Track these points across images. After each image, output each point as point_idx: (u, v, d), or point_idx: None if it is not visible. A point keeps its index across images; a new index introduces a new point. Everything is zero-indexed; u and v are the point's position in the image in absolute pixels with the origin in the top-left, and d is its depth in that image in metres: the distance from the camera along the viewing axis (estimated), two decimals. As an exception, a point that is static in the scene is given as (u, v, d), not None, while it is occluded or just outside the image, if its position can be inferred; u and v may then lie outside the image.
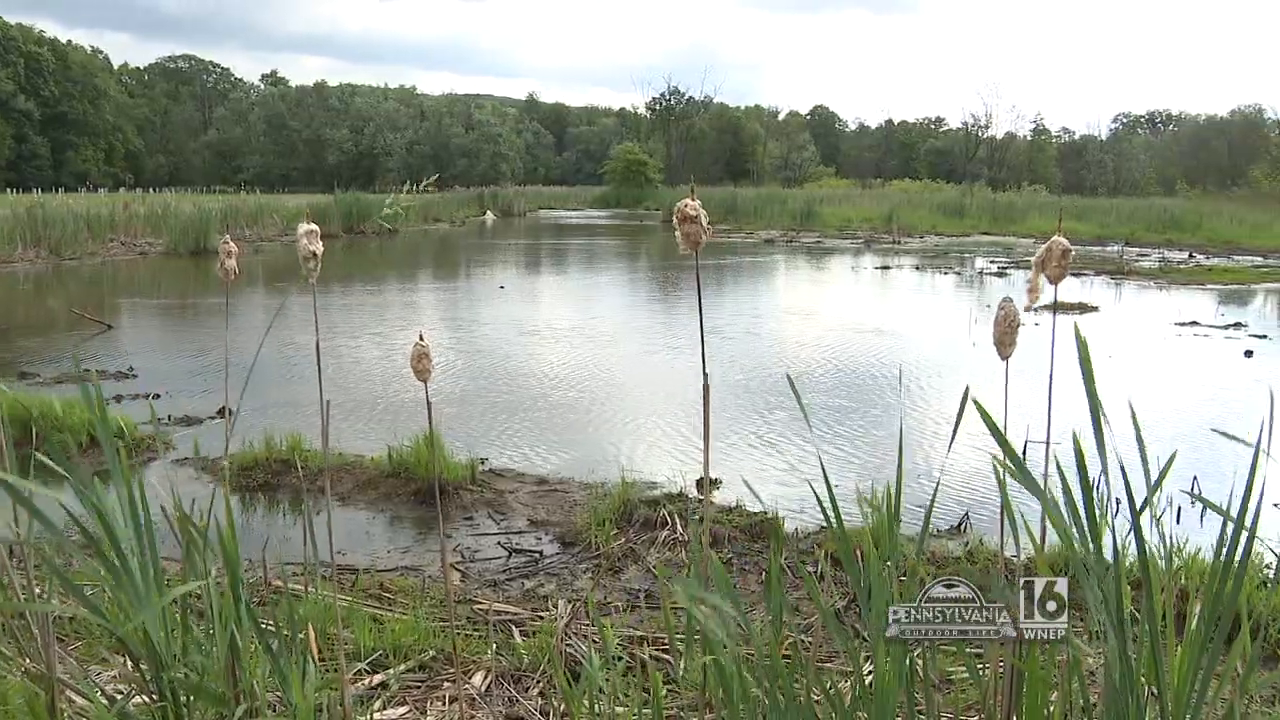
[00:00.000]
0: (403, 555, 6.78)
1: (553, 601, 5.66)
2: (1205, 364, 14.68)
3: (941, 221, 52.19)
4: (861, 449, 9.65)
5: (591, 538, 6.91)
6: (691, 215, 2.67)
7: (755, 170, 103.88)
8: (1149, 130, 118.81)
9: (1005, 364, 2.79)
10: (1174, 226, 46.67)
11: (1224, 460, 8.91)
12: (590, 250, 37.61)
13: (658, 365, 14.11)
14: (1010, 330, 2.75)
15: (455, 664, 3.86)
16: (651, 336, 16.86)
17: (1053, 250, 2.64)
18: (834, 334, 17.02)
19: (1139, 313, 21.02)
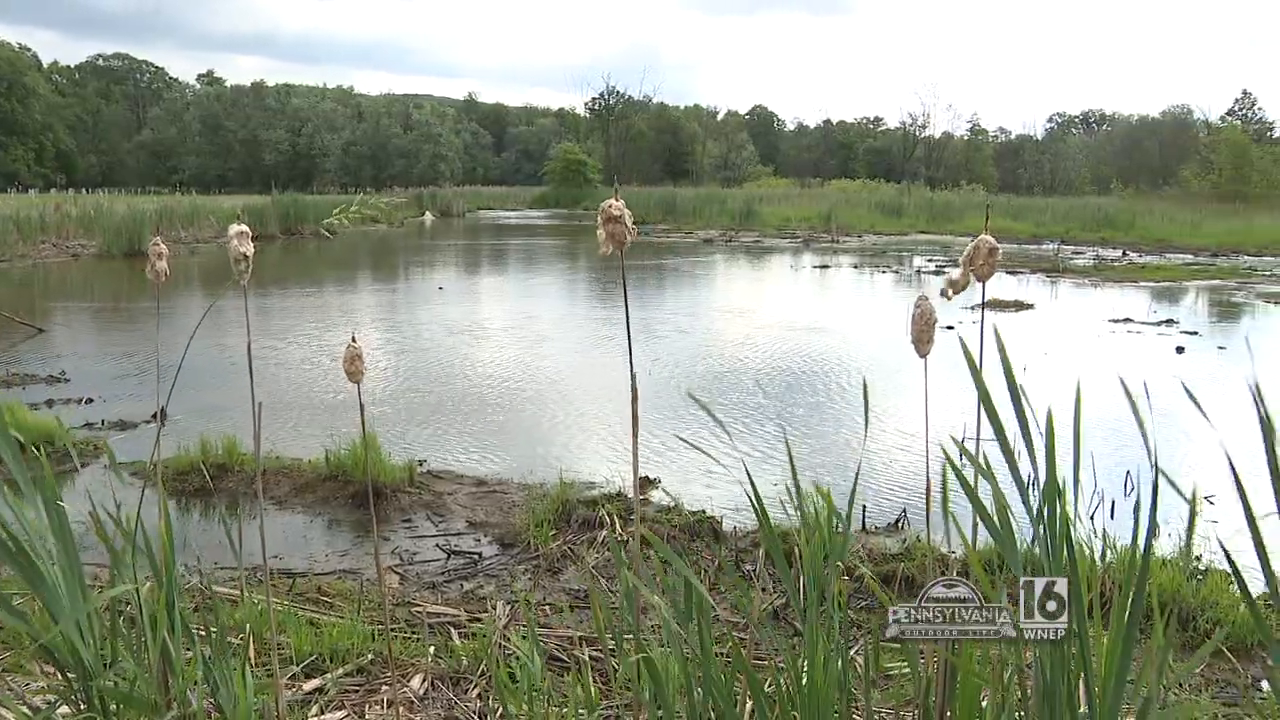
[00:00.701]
0: (341, 558, 6.74)
1: (491, 603, 5.65)
2: (1138, 360, 14.85)
3: (880, 221, 52.51)
4: (803, 447, 9.68)
5: (530, 539, 6.90)
6: (615, 215, 2.66)
7: (694, 170, 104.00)
8: (1083, 130, 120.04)
9: (925, 361, 2.80)
10: (1108, 225, 47.23)
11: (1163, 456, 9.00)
12: (529, 251, 37.54)
13: (597, 365, 14.11)
14: (927, 328, 2.77)
15: (391, 667, 3.84)
16: (591, 336, 16.85)
17: (980, 248, 2.66)
18: (774, 333, 17.08)
19: (1074, 310, 21.25)
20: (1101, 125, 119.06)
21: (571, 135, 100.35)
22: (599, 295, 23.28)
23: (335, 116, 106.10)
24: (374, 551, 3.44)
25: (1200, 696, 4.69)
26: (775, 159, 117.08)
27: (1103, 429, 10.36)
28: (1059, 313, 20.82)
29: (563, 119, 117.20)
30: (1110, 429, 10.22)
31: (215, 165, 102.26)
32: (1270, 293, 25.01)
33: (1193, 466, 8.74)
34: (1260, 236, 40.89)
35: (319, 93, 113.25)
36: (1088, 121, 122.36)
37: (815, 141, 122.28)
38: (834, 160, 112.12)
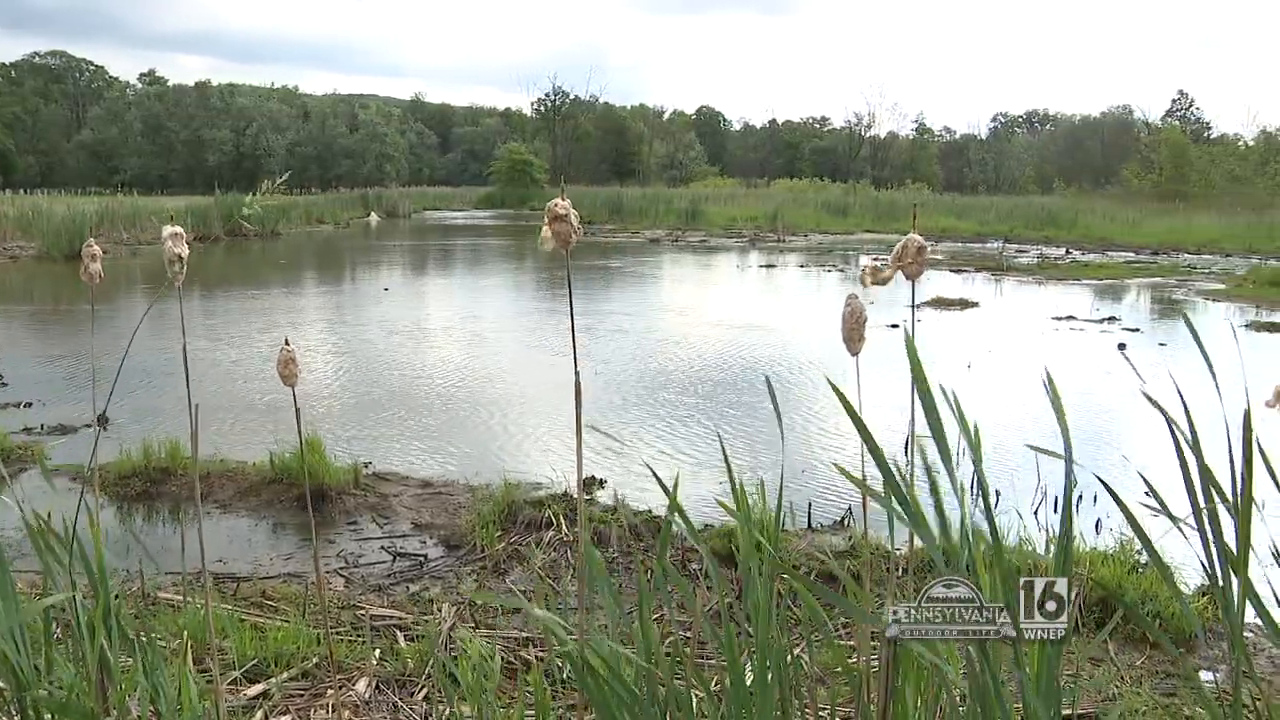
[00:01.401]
0: (286, 562, 6.69)
1: (437, 605, 5.62)
2: (1081, 357, 15.00)
3: (826, 220, 52.74)
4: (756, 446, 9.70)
5: (476, 540, 6.87)
6: (561, 214, 2.65)
7: (641, 170, 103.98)
8: (1027, 130, 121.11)
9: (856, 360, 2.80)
10: (1051, 224, 47.73)
11: (1101, 451, 9.11)
12: (476, 251, 37.42)
13: (544, 365, 14.07)
14: (858, 326, 2.76)
15: (332, 671, 3.81)
16: (537, 336, 16.82)
17: (908, 246, 2.66)
18: (720, 332, 17.12)
19: (1018, 308, 21.45)
20: (1044, 125, 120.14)
21: (517, 135, 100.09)
22: (546, 295, 23.23)
23: (280, 116, 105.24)
24: (314, 555, 3.40)
25: (1142, 688, 4.75)
26: (722, 159, 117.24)
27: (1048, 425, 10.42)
28: (1003, 311, 21.02)
29: (509, 119, 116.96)
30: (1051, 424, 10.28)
31: (157, 166, 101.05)
32: (1209, 290, 25.35)
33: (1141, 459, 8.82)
34: (1199, 235, 41.47)
35: (264, 93, 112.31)
36: (1031, 121, 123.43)
37: (761, 141, 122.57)
38: (780, 160, 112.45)
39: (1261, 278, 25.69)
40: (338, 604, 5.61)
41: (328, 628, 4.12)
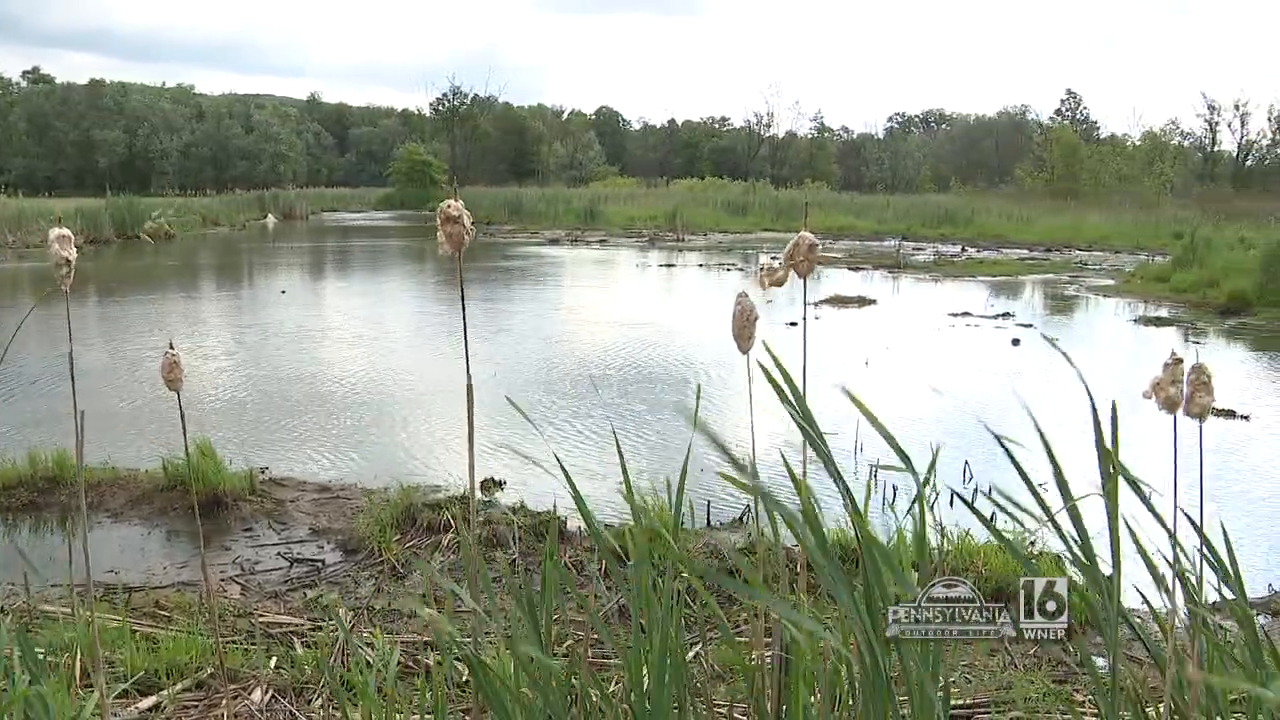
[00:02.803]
0: (180, 570, 6.58)
1: (334, 610, 5.57)
2: (976, 353, 15.25)
3: (725, 219, 52.95)
4: (645, 446, 9.73)
5: (374, 544, 6.82)
6: (454, 216, 2.64)
7: (541, 170, 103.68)
8: (923, 129, 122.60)
9: (746, 358, 2.82)
10: (948, 222, 48.41)
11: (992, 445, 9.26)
12: (375, 252, 37.08)
13: (443, 367, 13.99)
14: (748, 325, 2.78)
15: (223, 679, 3.75)
16: (436, 338, 16.73)
17: (800, 244, 2.69)
18: (620, 332, 17.15)
19: (915, 305, 21.75)
20: (940, 125, 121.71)
21: (416, 136, 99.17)
22: (445, 297, 23.10)
23: (174, 117, 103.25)
24: (202, 563, 3.36)
25: (1036, 675, 4.84)
26: (621, 159, 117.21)
27: (944, 420, 10.61)
28: (901, 308, 21.31)
29: (407, 119, 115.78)
30: (952, 420, 10.47)
31: (44, 166, 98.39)
32: (1100, 286, 25.91)
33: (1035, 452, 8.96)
34: (1090, 232, 42.36)
35: (157, 92, 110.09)
36: (927, 121, 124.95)
37: (661, 141, 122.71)
38: (680, 160, 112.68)
39: (1148, 274, 26.32)
40: (233, 612, 5.54)
41: (219, 636, 4.05)
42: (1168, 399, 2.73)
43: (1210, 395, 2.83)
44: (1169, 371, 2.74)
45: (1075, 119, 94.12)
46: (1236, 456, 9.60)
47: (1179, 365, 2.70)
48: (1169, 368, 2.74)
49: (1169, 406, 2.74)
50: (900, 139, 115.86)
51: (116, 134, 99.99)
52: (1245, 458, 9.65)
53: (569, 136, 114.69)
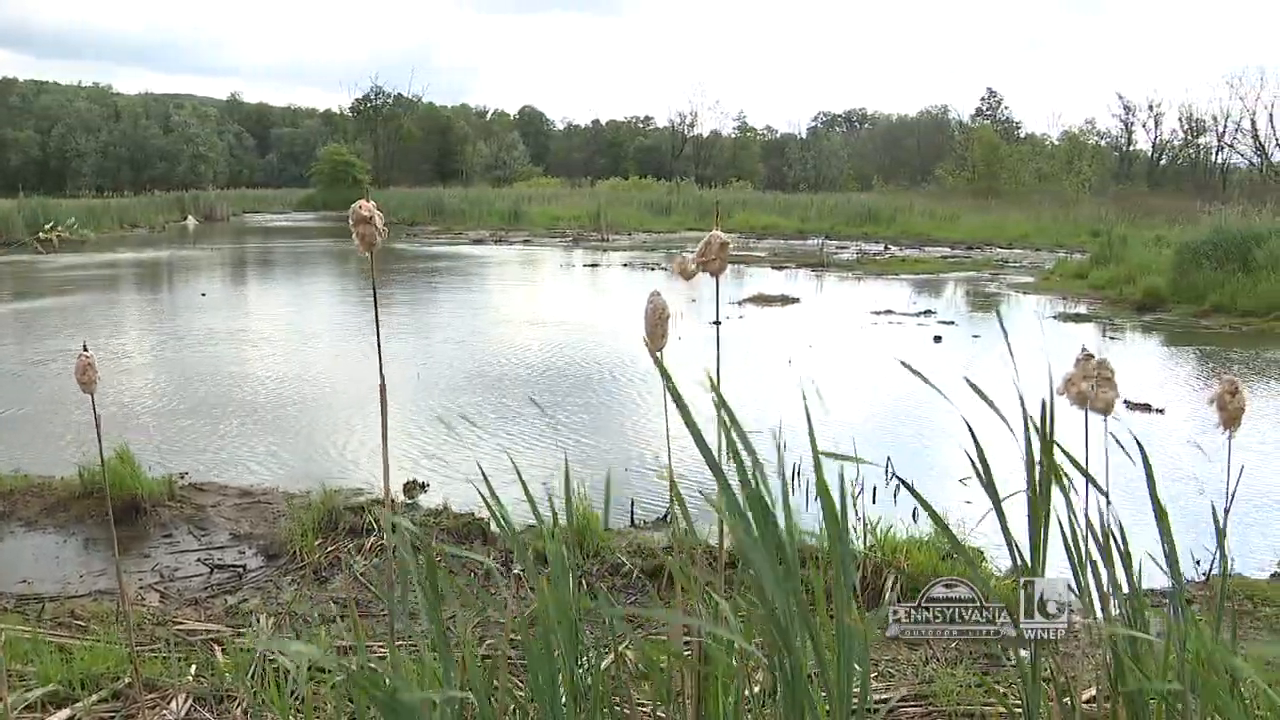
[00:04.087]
0: (97, 579, 6.47)
1: (256, 616, 5.50)
2: (898, 350, 15.37)
3: (649, 219, 53.00)
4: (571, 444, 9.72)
5: (296, 548, 6.75)
6: (366, 216, 2.62)
7: (465, 170, 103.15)
8: (846, 129, 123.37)
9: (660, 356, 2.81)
10: (871, 220, 48.80)
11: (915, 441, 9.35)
12: (297, 254, 36.70)
13: (365, 369, 13.87)
14: (661, 324, 2.78)
15: (139, 690, 3.69)
16: (360, 339, 16.58)
17: (711, 243, 2.69)
18: (544, 332, 17.13)
19: (839, 303, 21.91)
20: (863, 124, 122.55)
21: (339, 136, 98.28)
22: (367, 298, 22.91)
23: (90, 116, 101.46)
24: (117, 570, 3.30)
25: (957, 670, 4.88)
26: (546, 159, 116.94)
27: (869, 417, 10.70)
28: (824, 306, 21.46)
29: (329, 120, 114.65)
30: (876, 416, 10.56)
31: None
32: (1020, 283, 26.24)
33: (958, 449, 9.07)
34: (1011, 230, 42.87)
35: (72, 91, 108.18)
36: (850, 120, 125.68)
37: (585, 141, 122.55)
38: (604, 159, 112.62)
39: (1067, 271, 26.71)
40: (152, 620, 5.45)
41: (133, 645, 3.98)
42: (1079, 394, 2.77)
43: (1114, 390, 2.87)
44: (1080, 368, 2.78)
45: (996, 119, 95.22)
46: (1152, 448, 9.73)
47: (1090, 361, 2.74)
48: (1080, 364, 2.78)
49: (1080, 402, 2.78)
50: (823, 138, 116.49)
51: (28, 134, 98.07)
52: (1162, 449, 9.81)
53: (493, 137, 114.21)
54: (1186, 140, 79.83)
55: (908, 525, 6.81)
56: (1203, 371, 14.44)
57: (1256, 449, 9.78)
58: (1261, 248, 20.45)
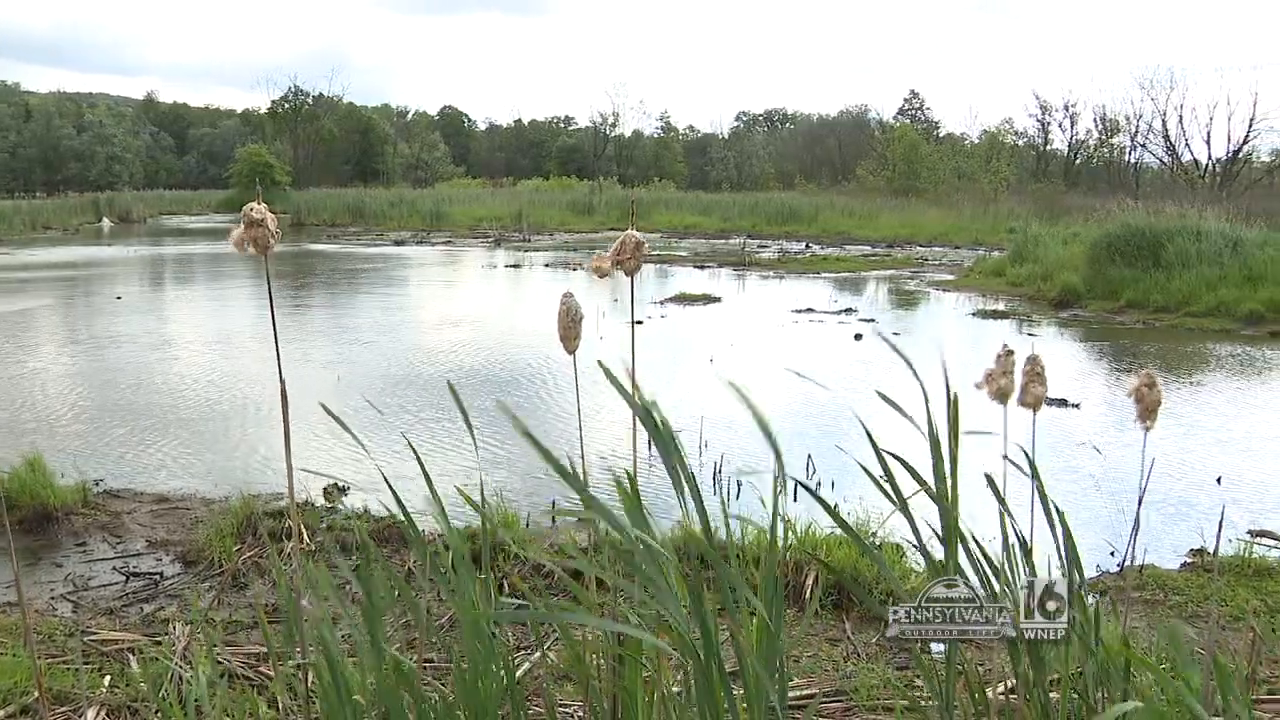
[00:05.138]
0: (6, 590, 6.33)
1: (172, 624, 5.42)
2: (819, 348, 15.48)
3: (572, 219, 53.03)
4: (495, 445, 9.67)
5: (215, 554, 6.66)
6: (257, 219, 2.58)
7: (386, 171, 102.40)
8: (768, 128, 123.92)
9: (574, 357, 2.81)
10: (792, 219, 49.15)
11: (837, 439, 9.40)
12: (215, 257, 36.20)
13: (287, 372, 13.71)
14: (573, 324, 2.78)
15: (43, 701, 3.62)
16: (281, 343, 16.39)
17: (626, 243, 2.68)
18: (465, 333, 17.04)
19: (760, 302, 22.01)
20: (784, 124, 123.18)
21: (257, 137, 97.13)
22: (289, 300, 22.70)
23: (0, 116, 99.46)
24: (16, 579, 3.22)
25: (876, 665, 4.92)
26: (467, 159, 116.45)
27: (791, 415, 10.74)
28: (746, 305, 21.55)
29: (248, 120, 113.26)
30: (797, 415, 10.60)
31: None
32: (940, 280, 26.53)
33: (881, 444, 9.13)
34: (931, 229, 43.36)
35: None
36: (772, 120, 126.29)
37: (507, 141, 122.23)
38: (526, 160, 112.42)
39: (986, 268, 27.05)
40: (63, 631, 5.35)
41: (34, 657, 3.89)
42: (999, 390, 2.79)
43: (1043, 386, 2.90)
44: (1000, 363, 2.81)
45: (917, 118, 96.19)
46: (1069, 442, 9.90)
47: (1010, 357, 2.77)
48: (1000, 360, 2.80)
49: (1000, 397, 2.80)
50: (745, 138, 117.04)
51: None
52: (1080, 443, 9.95)
53: (414, 137, 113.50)
54: (1101, 140, 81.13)
55: (829, 523, 6.85)
56: (1117, 367, 14.68)
57: (1172, 442, 9.96)
58: (1172, 245, 20.85)
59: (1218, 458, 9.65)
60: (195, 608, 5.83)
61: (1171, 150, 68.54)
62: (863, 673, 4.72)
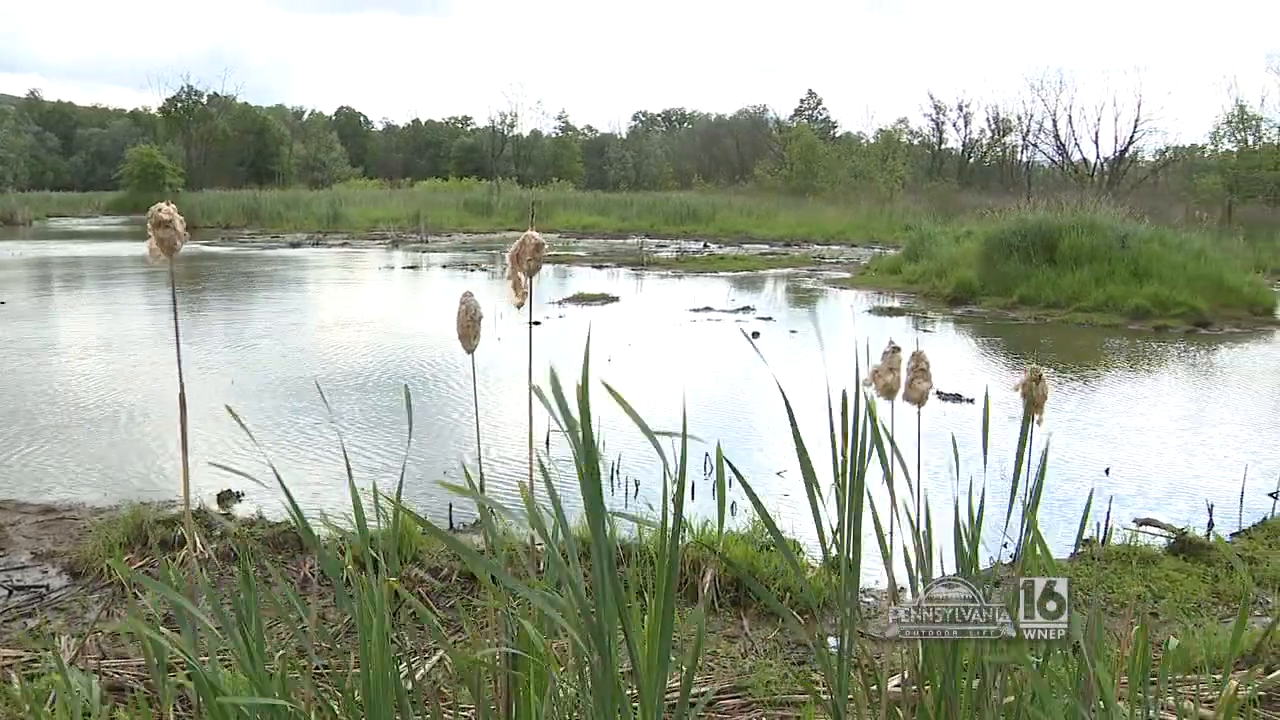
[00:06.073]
0: (-123, 607, 6.14)
1: (58, 638, 5.28)
2: (717, 347, 15.55)
3: (470, 219, 52.87)
4: (386, 448, 9.58)
5: (104, 564, 6.51)
6: (165, 220, 2.52)
7: (281, 172, 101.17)
8: (666, 128, 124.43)
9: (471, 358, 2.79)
10: (691, 219, 49.41)
11: (734, 436, 9.45)
12: (106, 260, 35.49)
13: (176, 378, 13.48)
14: (472, 324, 2.76)
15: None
16: (172, 348, 16.11)
17: (525, 244, 2.67)
18: (363, 335, 16.90)
19: (659, 301, 22.07)
20: (682, 123, 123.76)
21: (149, 137, 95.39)
22: (184, 304, 22.31)
23: None
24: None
25: (773, 661, 4.94)
26: (364, 160, 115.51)
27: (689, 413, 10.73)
28: (645, 304, 21.60)
29: (138, 120, 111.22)
30: (695, 412, 10.62)
31: None
32: (837, 278, 26.81)
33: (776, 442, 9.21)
34: (828, 227, 43.85)
35: None
36: (670, 120, 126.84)
37: (405, 141, 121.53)
38: (424, 160, 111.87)
39: (882, 266, 27.38)
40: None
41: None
42: (885, 386, 2.81)
43: (928, 381, 2.93)
44: (886, 360, 2.83)
45: (814, 118, 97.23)
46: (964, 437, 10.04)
47: (896, 354, 2.79)
48: (887, 357, 2.83)
49: (886, 393, 2.82)
50: (643, 138, 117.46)
51: None
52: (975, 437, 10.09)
53: (310, 138, 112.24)
54: (994, 139, 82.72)
55: (726, 519, 6.88)
56: (1011, 362, 14.95)
57: (1063, 435, 10.15)
58: (1065, 240, 21.31)
59: (1106, 450, 9.87)
60: (83, 620, 5.71)
61: (1062, 149, 70.15)
62: (760, 668, 4.75)
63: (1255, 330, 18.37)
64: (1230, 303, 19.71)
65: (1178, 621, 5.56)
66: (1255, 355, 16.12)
